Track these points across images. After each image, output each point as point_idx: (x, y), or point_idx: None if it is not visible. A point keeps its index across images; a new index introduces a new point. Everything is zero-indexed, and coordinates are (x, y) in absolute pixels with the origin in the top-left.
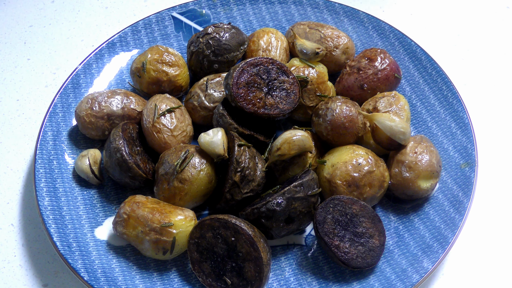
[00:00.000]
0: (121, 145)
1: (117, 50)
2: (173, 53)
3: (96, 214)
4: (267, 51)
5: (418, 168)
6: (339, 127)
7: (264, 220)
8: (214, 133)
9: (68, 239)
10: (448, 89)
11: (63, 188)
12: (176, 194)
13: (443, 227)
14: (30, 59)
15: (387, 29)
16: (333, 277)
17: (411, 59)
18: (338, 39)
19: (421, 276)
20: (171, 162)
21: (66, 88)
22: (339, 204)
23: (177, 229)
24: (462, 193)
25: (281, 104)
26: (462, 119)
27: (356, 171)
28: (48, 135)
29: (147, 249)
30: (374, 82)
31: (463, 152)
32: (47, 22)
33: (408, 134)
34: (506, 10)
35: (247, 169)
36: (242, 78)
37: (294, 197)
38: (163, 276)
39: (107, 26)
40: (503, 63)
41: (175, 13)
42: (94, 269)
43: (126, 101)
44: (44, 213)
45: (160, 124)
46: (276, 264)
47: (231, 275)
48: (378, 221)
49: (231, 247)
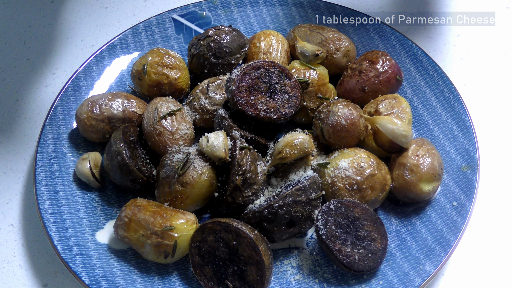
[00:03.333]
0: (122, 148)
1: (118, 52)
2: (174, 55)
3: (97, 217)
4: (268, 53)
5: (420, 171)
6: (340, 130)
7: (265, 223)
8: (215, 136)
9: (69, 243)
10: (450, 91)
11: (64, 191)
12: (178, 197)
13: (445, 230)
14: (30, 59)
15: (388, 31)
16: (335, 281)
17: (412, 61)
18: (339, 41)
19: (423, 279)
20: (172, 165)
21: (66, 91)
22: (341, 207)
23: (178, 233)
24: (464, 196)
25: (282, 107)
26: (464, 122)
27: (358, 174)
28: (49, 138)
29: (148, 252)
30: (376, 85)
31: (465, 155)
32: (47, 22)
33: (410, 137)
34: (506, 10)
35: (249, 172)
36: (244, 81)
37: (296, 200)
38: (165, 280)
39: (107, 26)
40: (503, 63)
41: (175, 15)
42: (95, 273)
43: (127, 104)
44: (45, 217)
45: (161, 127)
46: (278, 268)
47: (232, 279)
48: (380, 224)
49: (232, 250)
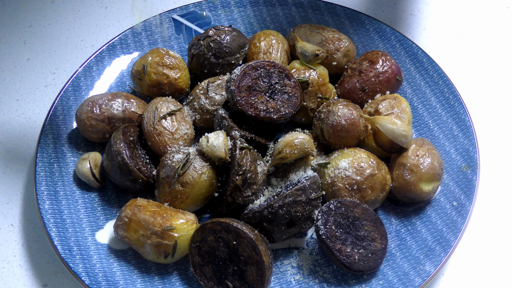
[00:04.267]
0: (122, 148)
1: (118, 52)
2: (174, 55)
3: (97, 217)
4: (268, 53)
5: (420, 171)
6: (340, 130)
7: (265, 223)
8: (215, 136)
9: (69, 243)
10: (450, 91)
11: (64, 191)
12: (178, 197)
13: (445, 230)
14: (29, 59)
15: (388, 31)
16: (335, 281)
17: (412, 61)
18: (339, 42)
19: (423, 279)
20: (172, 165)
21: (66, 91)
22: (341, 207)
23: (178, 233)
24: (464, 196)
25: (282, 107)
26: (463, 122)
27: (358, 174)
28: (49, 138)
29: (148, 252)
30: (376, 85)
31: (465, 155)
32: (47, 22)
33: (409, 137)
34: (506, 10)
35: (249, 172)
36: (244, 81)
37: (296, 200)
38: (165, 280)
39: (107, 26)
40: (503, 63)
41: (175, 15)
42: (95, 273)
43: (127, 104)
44: (45, 217)
45: (161, 127)
46: (278, 268)
47: (232, 279)
48: (380, 224)
49: (232, 250)
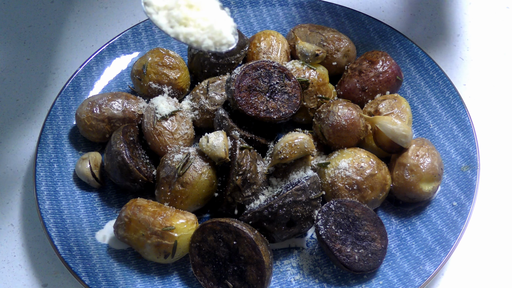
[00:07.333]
0: (122, 148)
1: (118, 52)
2: (174, 55)
3: (97, 217)
4: (268, 53)
5: (420, 171)
6: (340, 130)
7: (265, 223)
8: (215, 136)
9: (69, 243)
10: (450, 91)
11: (64, 191)
12: (178, 197)
13: (445, 230)
14: (29, 59)
15: (388, 31)
16: (335, 281)
17: (412, 61)
18: (339, 42)
19: (423, 279)
20: (172, 165)
21: (66, 91)
22: (341, 207)
23: (178, 233)
24: (464, 196)
25: (282, 107)
26: (463, 122)
27: (358, 174)
28: (49, 138)
29: (148, 252)
30: (376, 85)
31: (465, 155)
32: (47, 22)
33: (409, 137)
34: (506, 10)
35: (249, 172)
36: (244, 81)
37: (296, 200)
38: (165, 280)
39: (107, 26)
40: (503, 63)
41: None
42: (95, 273)
43: (127, 104)
44: (45, 217)
45: (161, 127)
46: (278, 268)
47: (232, 279)
48: (380, 224)
49: (232, 250)
